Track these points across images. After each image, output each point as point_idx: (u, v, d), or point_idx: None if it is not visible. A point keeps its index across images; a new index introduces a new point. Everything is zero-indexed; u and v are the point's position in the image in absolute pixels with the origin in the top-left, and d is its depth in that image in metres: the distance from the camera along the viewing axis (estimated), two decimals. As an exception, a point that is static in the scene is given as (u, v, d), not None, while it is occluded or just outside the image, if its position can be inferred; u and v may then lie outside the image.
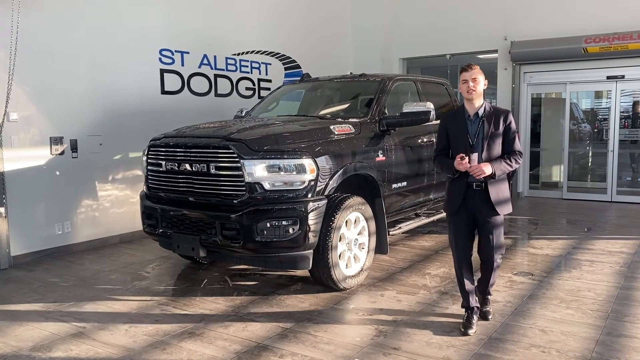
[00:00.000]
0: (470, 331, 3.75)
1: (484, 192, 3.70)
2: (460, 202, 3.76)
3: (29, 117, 5.91)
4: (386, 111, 5.49)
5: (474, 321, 3.83)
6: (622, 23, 8.84)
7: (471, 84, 3.67)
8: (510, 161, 3.69)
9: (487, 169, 3.59)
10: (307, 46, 9.85)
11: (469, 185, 3.73)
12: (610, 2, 9.07)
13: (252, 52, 8.78)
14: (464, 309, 3.94)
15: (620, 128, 9.56)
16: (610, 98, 9.65)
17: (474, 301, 3.90)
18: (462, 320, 3.88)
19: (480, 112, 3.73)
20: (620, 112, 9.56)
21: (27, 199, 5.93)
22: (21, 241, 5.89)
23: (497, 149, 3.71)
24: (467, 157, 3.61)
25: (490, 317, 3.99)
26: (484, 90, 3.75)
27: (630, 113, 9.80)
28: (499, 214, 3.74)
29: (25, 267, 5.73)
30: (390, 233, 5.39)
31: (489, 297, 4.07)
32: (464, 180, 3.73)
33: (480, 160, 3.67)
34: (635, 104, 9.78)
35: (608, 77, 9.44)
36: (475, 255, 3.93)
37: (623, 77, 9.31)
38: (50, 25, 6.03)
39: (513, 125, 3.73)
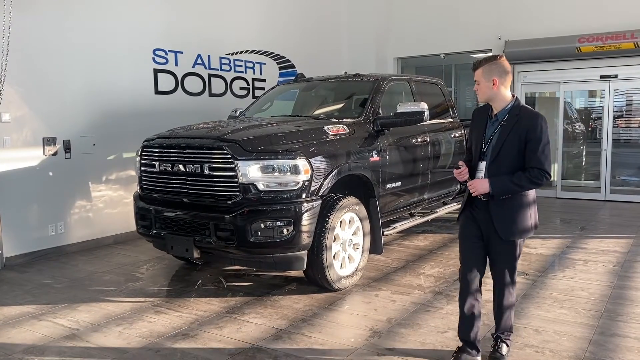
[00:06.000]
0: None
1: (489, 207, 3.12)
2: (463, 210, 3.27)
3: (21, 118, 5.87)
4: (380, 111, 5.48)
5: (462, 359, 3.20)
6: (615, 23, 8.88)
7: (476, 85, 3.17)
8: (520, 181, 2.98)
9: (482, 187, 3.05)
10: (301, 46, 9.84)
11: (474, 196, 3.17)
12: (604, 2, 9.11)
13: (247, 51, 8.76)
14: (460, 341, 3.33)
15: (613, 127, 9.62)
16: (603, 97, 9.69)
17: (472, 334, 3.23)
18: (455, 350, 3.33)
19: (502, 114, 3.11)
20: (614, 111, 9.61)
21: (20, 199, 5.90)
22: (14, 242, 5.86)
23: (514, 161, 3.04)
24: (464, 167, 3.14)
25: None
26: (501, 89, 3.08)
27: (624, 112, 9.85)
28: (503, 240, 3.10)
29: (18, 268, 5.70)
30: (385, 233, 5.39)
31: (503, 340, 3.37)
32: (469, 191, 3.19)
33: (486, 173, 3.10)
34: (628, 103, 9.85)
35: (601, 77, 9.49)
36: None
37: (616, 76, 9.36)
38: (43, 25, 5.99)
39: (539, 134, 2.98)
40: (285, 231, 4.33)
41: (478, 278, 3.23)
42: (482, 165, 3.12)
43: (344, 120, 5.27)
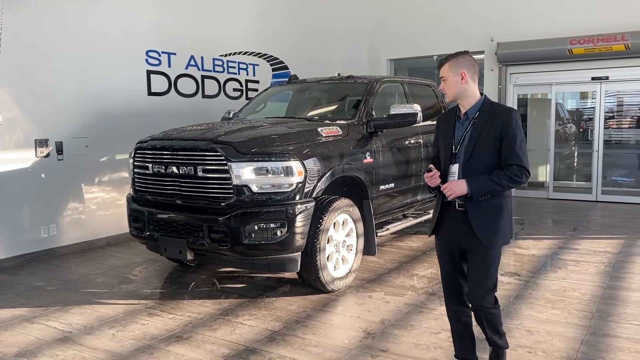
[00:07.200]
0: None
1: (466, 215, 2.86)
2: (435, 222, 3.03)
3: (13, 119, 5.83)
4: (373, 113, 5.50)
5: None
6: (606, 25, 8.96)
7: (442, 84, 2.97)
8: (500, 179, 2.75)
9: (459, 188, 2.77)
10: (294, 47, 9.84)
11: (448, 204, 2.94)
12: (595, 4, 9.19)
13: (240, 53, 8.75)
14: None
15: (604, 128, 9.69)
16: (595, 99, 9.77)
17: (466, 352, 3.11)
18: None
19: (472, 111, 2.90)
20: (605, 112, 9.69)
21: (12, 201, 5.86)
22: (5, 245, 5.82)
23: (491, 159, 2.82)
24: (436, 170, 2.90)
25: None
26: (470, 83, 2.89)
27: (615, 113, 9.94)
28: (485, 246, 2.86)
29: (10, 271, 5.66)
30: (378, 234, 5.41)
31: (500, 350, 3.16)
32: (441, 198, 2.97)
33: (460, 175, 2.85)
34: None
35: (593, 78, 9.57)
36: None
37: (607, 78, 9.44)
38: (35, 25, 5.96)
39: (514, 129, 2.78)
40: (279, 233, 4.33)
41: (460, 293, 3.06)
42: (454, 168, 2.87)
43: (338, 122, 5.28)
